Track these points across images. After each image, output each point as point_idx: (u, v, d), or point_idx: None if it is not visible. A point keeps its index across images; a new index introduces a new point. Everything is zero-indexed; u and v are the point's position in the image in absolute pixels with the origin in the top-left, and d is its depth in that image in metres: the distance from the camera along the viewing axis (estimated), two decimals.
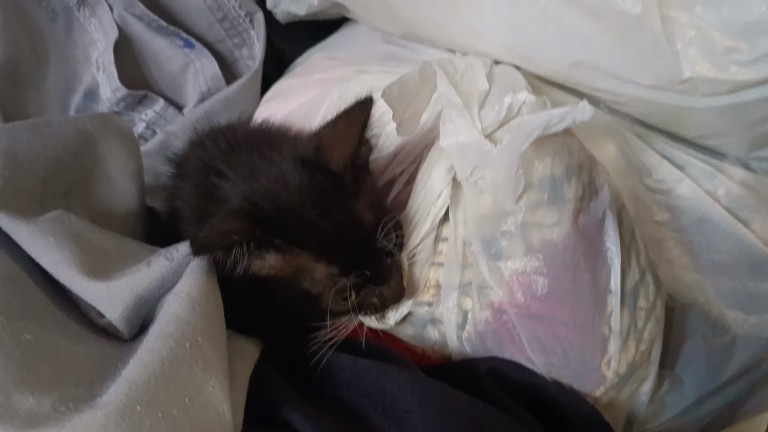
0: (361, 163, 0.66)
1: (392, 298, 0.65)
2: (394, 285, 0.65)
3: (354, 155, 0.62)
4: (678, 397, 0.72)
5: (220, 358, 0.52)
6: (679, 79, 0.67)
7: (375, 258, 0.63)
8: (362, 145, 0.63)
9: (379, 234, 0.62)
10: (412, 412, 0.55)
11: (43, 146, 0.64)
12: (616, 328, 0.64)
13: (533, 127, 0.59)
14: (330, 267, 0.61)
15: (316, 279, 0.61)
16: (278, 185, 0.61)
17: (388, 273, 0.65)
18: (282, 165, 0.63)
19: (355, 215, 0.63)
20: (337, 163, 0.62)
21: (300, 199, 0.61)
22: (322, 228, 0.60)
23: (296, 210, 0.60)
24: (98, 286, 0.55)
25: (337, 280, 0.61)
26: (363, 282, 0.62)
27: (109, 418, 0.43)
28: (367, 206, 0.64)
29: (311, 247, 0.60)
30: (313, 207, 0.60)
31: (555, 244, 0.62)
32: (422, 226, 0.69)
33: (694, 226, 0.75)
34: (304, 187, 0.61)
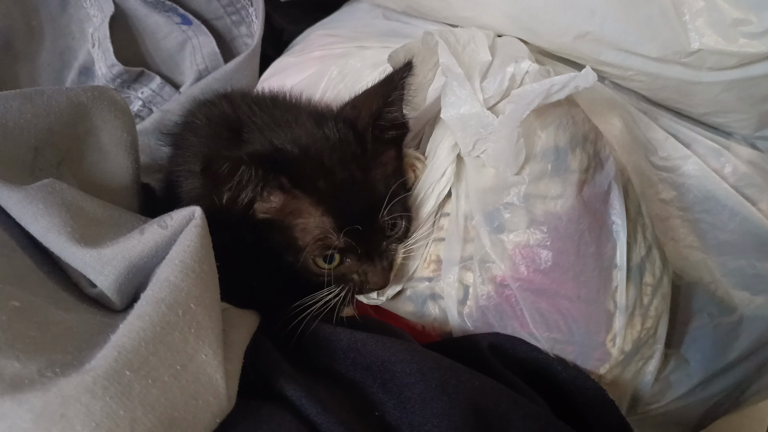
0: (387, 130, 0.66)
1: (374, 281, 0.64)
2: (380, 268, 0.64)
3: (377, 114, 0.62)
4: (684, 377, 0.71)
5: (214, 326, 0.50)
6: (687, 51, 0.66)
7: (373, 231, 0.62)
8: (388, 105, 0.63)
9: (383, 208, 0.61)
10: (411, 384, 0.53)
11: (35, 115, 0.63)
12: (622, 303, 0.62)
13: (534, 95, 0.57)
14: (325, 217, 0.60)
15: (309, 227, 0.61)
16: (304, 133, 0.62)
17: (378, 253, 0.64)
18: (308, 119, 0.64)
19: (368, 178, 0.62)
20: (362, 122, 0.63)
21: (323, 147, 0.61)
22: (336, 178, 0.60)
23: (317, 155, 0.60)
24: (89, 254, 0.53)
25: (328, 234, 0.60)
26: (351, 248, 0.62)
27: (96, 382, 0.41)
28: (381, 177, 0.64)
29: (316, 193, 0.60)
30: (333, 157, 0.61)
31: (559, 216, 0.61)
32: (426, 206, 0.68)
33: (701, 204, 0.74)
34: (329, 138, 0.62)
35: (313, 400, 0.51)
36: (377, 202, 0.61)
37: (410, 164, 0.70)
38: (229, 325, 0.56)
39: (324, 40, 0.90)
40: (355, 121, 0.63)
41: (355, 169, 0.61)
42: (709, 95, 0.70)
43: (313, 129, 0.63)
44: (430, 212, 0.68)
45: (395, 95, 0.63)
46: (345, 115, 0.64)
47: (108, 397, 0.41)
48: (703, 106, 0.73)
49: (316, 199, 0.60)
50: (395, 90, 0.63)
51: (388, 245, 0.65)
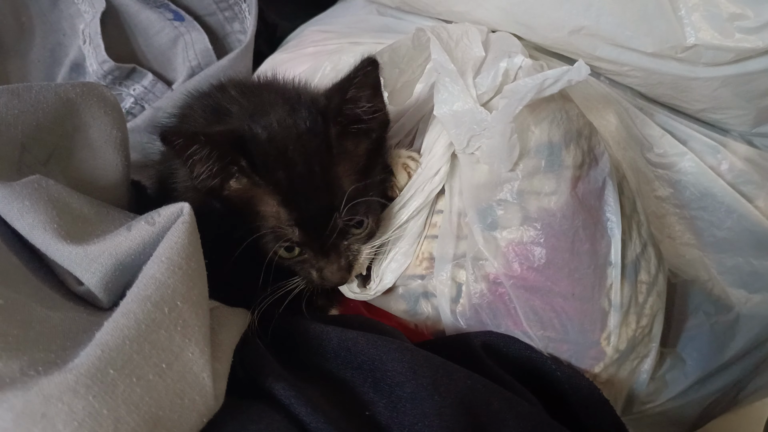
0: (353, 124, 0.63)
1: (330, 279, 0.64)
2: (335, 267, 0.63)
3: (336, 110, 0.61)
4: (680, 376, 0.70)
5: (201, 323, 0.49)
6: (683, 45, 0.65)
7: (329, 228, 0.61)
8: (346, 102, 0.61)
9: (343, 207, 0.60)
10: (402, 383, 0.53)
11: (22, 111, 0.62)
12: (617, 301, 0.61)
13: (527, 89, 0.56)
14: (281, 208, 0.60)
15: (266, 215, 0.60)
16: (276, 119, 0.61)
17: (335, 251, 0.63)
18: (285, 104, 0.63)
19: (330, 175, 0.61)
20: (326, 116, 0.61)
21: (289, 136, 0.60)
22: (295, 170, 0.59)
23: (282, 145, 0.60)
24: (75, 251, 0.52)
25: (282, 225, 0.60)
26: (306, 243, 0.61)
27: (79, 381, 0.40)
28: (347, 172, 0.62)
29: (274, 183, 0.59)
30: (296, 148, 0.60)
31: (553, 212, 0.60)
32: (414, 202, 0.67)
33: (697, 201, 0.74)
34: (297, 128, 0.61)
35: (302, 399, 0.50)
36: (336, 200, 0.60)
37: (403, 164, 0.69)
38: (218, 323, 0.56)
39: (318, 36, 0.89)
40: (324, 111, 0.62)
41: (316, 164, 0.60)
42: (705, 91, 0.69)
43: (285, 116, 0.62)
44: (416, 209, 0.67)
45: (352, 93, 0.60)
46: (318, 105, 0.63)
47: (91, 396, 0.40)
48: (699, 103, 0.72)
49: (274, 189, 0.60)
50: (351, 87, 0.60)
51: (349, 244, 0.64)
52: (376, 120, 0.64)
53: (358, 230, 0.64)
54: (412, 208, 0.66)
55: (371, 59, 0.59)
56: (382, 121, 0.66)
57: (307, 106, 0.62)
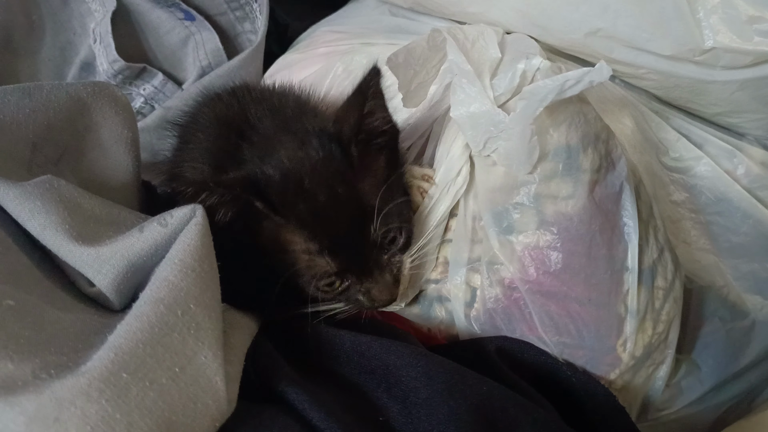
0: (374, 139, 0.62)
1: (380, 298, 0.60)
2: (382, 284, 0.60)
3: (356, 127, 0.59)
4: (695, 383, 0.69)
5: (214, 327, 0.48)
6: (701, 48, 0.64)
7: (367, 247, 0.59)
8: (366, 117, 0.60)
9: (375, 221, 0.58)
10: (417, 389, 0.52)
11: (33, 110, 0.62)
12: (633, 307, 0.61)
13: (547, 90, 0.56)
14: (311, 242, 0.57)
15: (297, 253, 0.58)
16: (286, 155, 0.59)
17: (378, 267, 0.60)
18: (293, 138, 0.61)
19: (355, 193, 0.59)
20: (345, 137, 0.60)
21: (303, 169, 0.58)
22: (317, 200, 0.57)
23: (298, 179, 0.58)
24: (87, 252, 0.52)
25: (317, 259, 0.58)
26: (347, 269, 0.59)
27: (92, 384, 0.40)
28: (371, 187, 0.60)
29: (298, 218, 0.57)
30: (314, 178, 0.58)
31: (570, 216, 0.59)
32: (441, 205, 0.66)
33: (713, 206, 0.73)
34: (311, 158, 0.59)
35: (316, 404, 0.49)
36: (367, 216, 0.58)
37: (417, 186, 0.68)
38: (230, 326, 0.55)
39: (329, 37, 0.89)
40: (338, 135, 0.60)
41: (339, 186, 0.58)
42: (722, 95, 0.69)
43: (296, 150, 0.60)
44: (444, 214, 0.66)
45: (369, 105, 0.59)
46: (329, 131, 0.61)
47: (104, 400, 0.40)
48: (716, 106, 0.72)
49: (299, 224, 0.57)
50: (368, 100, 0.59)
51: (390, 258, 0.61)
52: (389, 132, 0.64)
53: (393, 244, 0.61)
54: (440, 212, 0.65)
55: (376, 68, 0.59)
56: (393, 133, 0.65)
57: (317, 134, 0.61)
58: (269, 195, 0.57)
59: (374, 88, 0.59)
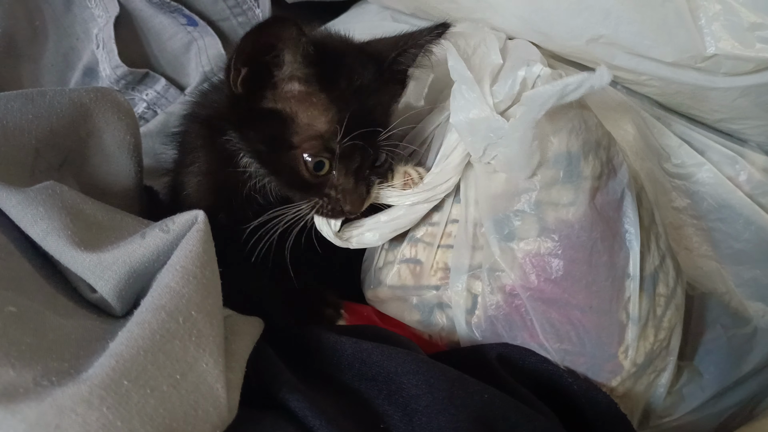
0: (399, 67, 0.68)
1: (349, 202, 0.63)
2: (357, 192, 0.64)
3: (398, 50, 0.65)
4: (697, 390, 0.69)
5: (215, 333, 0.48)
6: (702, 55, 0.64)
7: (366, 153, 0.63)
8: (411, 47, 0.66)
9: (385, 132, 0.63)
10: (418, 396, 0.52)
11: (36, 116, 0.62)
12: (635, 314, 0.60)
13: (547, 96, 0.55)
14: (335, 117, 0.61)
15: (315, 122, 0.61)
16: (338, 42, 0.67)
17: (361, 175, 0.64)
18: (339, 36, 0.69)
19: (379, 102, 0.64)
20: (386, 53, 0.65)
21: (352, 55, 0.64)
22: (355, 85, 0.62)
23: (349, 61, 0.63)
24: (89, 258, 0.52)
25: (329, 135, 0.61)
26: (342, 160, 0.62)
27: (93, 392, 0.40)
28: (386, 105, 0.66)
29: (335, 92, 0.61)
30: (358, 67, 0.63)
31: (571, 223, 0.59)
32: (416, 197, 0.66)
33: (715, 212, 0.73)
34: (358, 52, 0.65)
35: (316, 411, 0.49)
36: (380, 126, 0.63)
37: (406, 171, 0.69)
38: (232, 332, 0.55)
39: None
40: (379, 52, 0.65)
41: (371, 88, 0.63)
42: (724, 101, 0.69)
43: (349, 43, 0.67)
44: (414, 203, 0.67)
45: (424, 40, 0.66)
46: (372, 46, 0.67)
47: (105, 407, 0.40)
48: (717, 113, 0.71)
49: (334, 97, 0.61)
50: (424, 36, 0.65)
51: (370, 174, 0.65)
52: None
53: (380, 165, 0.66)
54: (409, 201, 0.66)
55: (447, 24, 0.66)
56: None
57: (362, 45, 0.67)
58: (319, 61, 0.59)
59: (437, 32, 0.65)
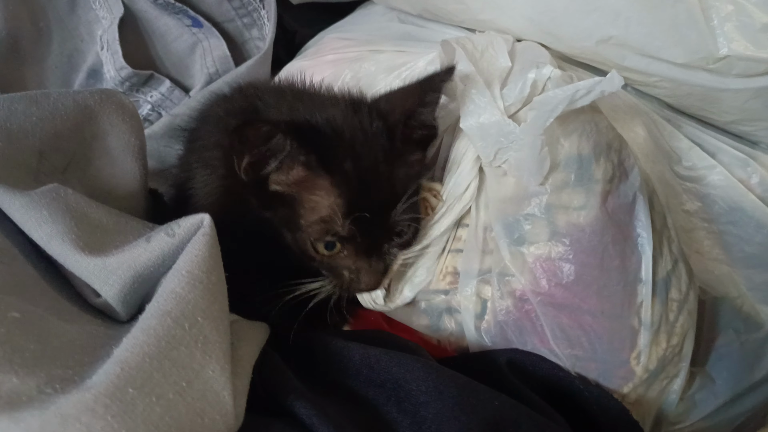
0: (416, 130, 0.64)
1: (365, 281, 0.62)
2: (374, 269, 0.61)
3: (410, 112, 0.61)
4: (710, 396, 0.68)
5: (221, 340, 0.48)
6: (714, 56, 0.63)
7: (380, 229, 0.60)
8: (422, 106, 0.62)
9: (399, 206, 0.59)
10: (427, 403, 0.51)
11: (40, 118, 0.61)
12: (647, 319, 0.59)
13: (558, 101, 0.55)
14: (340, 199, 0.58)
15: (319, 206, 0.59)
16: (339, 115, 0.61)
17: (378, 253, 0.62)
18: (344, 103, 0.63)
19: (392, 174, 0.61)
20: (394, 118, 0.61)
21: (356, 131, 0.60)
22: (362, 164, 0.59)
23: (350, 138, 0.59)
24: (93, 262, 0.51)
25: (335, 217, 0.58)
26: (352, 239, 0.60)
27: (98, 400, 0.39)
28: (404, 177, 0.62)
29: (338, 174, 0.58)
30: (364, 143, 0.59)
31: (582, 227, 0.58)
32: (446, 220, 0.65)
33: (726, 215, 0.72)
34: (362, 125, 0.60)
35: (324, 418, 0.48)
36: (393, 200, 0.60)
37: (423, 198, 0.67)
38: (238, 338, 0.54)
39: (337, 44, 0.88)
40: (387, 115, 0.62)
41: (382, 162, 0.60)
42: (736, 103, 0.68)
43: (349, 114, 0.61)
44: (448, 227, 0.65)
45: (431, 97, 0.62)
46: (379, 107, 0.63)
47: (110, 416, 0.39)
48: (729, 114, 0.70)
49: (337, 180, 0.58)
50: (432, 92, 0.62)
51: (389, 248, 0.63)
52: (429, 131, 0.65)
53: (400, 237, 0.63)
54: (444, 226, 0.65)
55: (453, 68, 0.61)
56: (432, 134, 0.66)
57: (367, 107, 0.62)
58: (318, 144, 0.57)
59: (443, 83, 0.62)
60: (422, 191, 0.67)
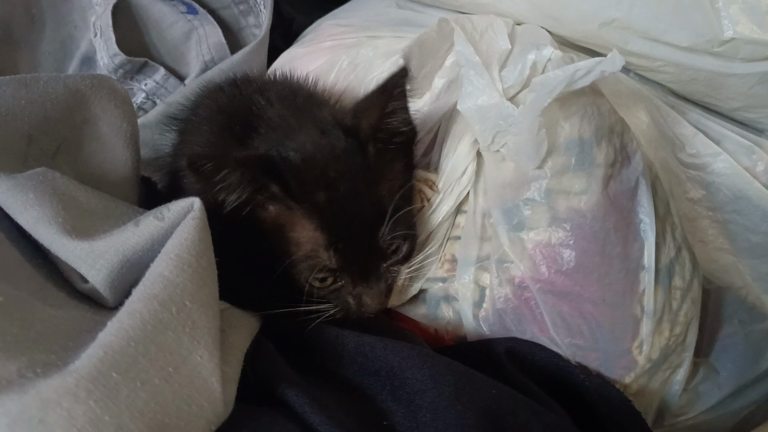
0: (392, 139, 0.60)
1: (369, 305, 0.59)
2: (375, 291, 0.59)
3: (376, 126, 0.57)
4: (713, 388, 0.66)
5: (210, 325, 0.46)
6: (720, 39, 0.62)
7: (371, 252, 0.58)
8: (387, 116, 0.58)
9: (384, 226, 0.56)
10: (422, 392, 0.49)
11: (30, 102, 0.60)
12: (650, 308, 0.58)
13: (557, 81, 0.53)
14: (318, 232, 0.56)
15: (301, 241, 0.56)
16: (309, 140, 0.58)
17: (375, 274, 0.59)
18: (315, 125, 0.59)
19: (372, 192, 0.57)
20: (363, 134, 0.58)
21: (328, 157, 0.57)
22: (338, 192, 0.55)
23: (321, 166, 0.56)
24: (80, 246, 0.50)
25: (319, 251, 0.56)
26: (345, 269, 0.57)
27: (79, 384, 0.38)
28: (387, 192, 0.58)
29: (312, 206, 0.55)
30: (337, 168, 0.56)
31: (583, 213, 0.57)
32: (444, 206, 0.64)
33: (731, 204, 0.70)
34: (335, 148, 0.57)
35: (317, 407, 0.47)
36: (378, 220, 0.57)
37: (418, 189, 0.66)
38: (229, 325, 0.53)
39: (335, 30, 0.87)
40: (356, 131, 0.58)
41: (359, 182, 0.57)
42: (741, 88, 0.66)
43: (318, 137, 0.58)
44: (446, 215, 0.64)
45: (392, 105, 0.58)
46: (347, 124, 0.59)
47: (92, 400, 0.38)
48: (734, 101, 0.69)
49: (311, 212, 0.55)
50: (392, 100, 0.57)
51: (388, 267, 0.60)
52: (407, 134, 0.62)
53: (396, 254, 0.60)
54: (443, 213, 0.63)
55: (405, 68, 0.57)
56: (411, 135, 0.63)
57: (340, 125, 0.59)
58: (287, 178, 0.55)
59: (400, 88, 0.57)
60: (417, 182, 0.66)
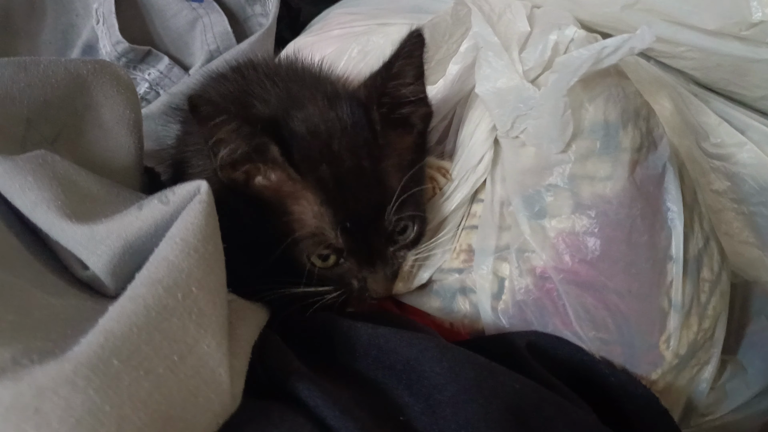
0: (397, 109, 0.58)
1: (374, 290, 0.57)
2: (381, 277, 0.57)
3: (381, 88, 0.56)
4: (741, 386, 0.64)
5: (218, 313, 0.44)
6: (748, 22, 0.60)
7: (378, 233, 0.56)
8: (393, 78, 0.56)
9: (392, 205, 0.54)
10: (441, 386, 0.47)
11: (29, 85, 0.58)
12: (677, 300, 0.55)
13: (582, 60, 0.51)
14: (324, 207, 0.53)
15: (305, 217, 0.54)
16: (316, 112, 0.56)
17: (382, 259, 0.57)
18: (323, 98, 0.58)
19: (379, 169, 0.55)
20: (368, 100, 0.56)
21: (333, 130, 0.55)
22: (342, 166, 0.54)
23: (326, 138, 0.54)
24: (81, 230, 0.47)
25: (324, 229, 0.54)
26: (350, 249, 0.55)
27: (78, 371, 0.35)
28: (394, 168, 0.56)
29: (317, 179, 0.53)
30: (342, 142, 0.54)
31: (608, 199, 0.54)
32: (458, 194, 0.62)
33: (757, 196, 0.68)
34: (341, 121, 0.56)
35: (329, 401, 0.44)
36: (386, 198, 0.55)
37: (431, 176, 0.63)
38: (236, 316, 0.50)
39: (344, 19, 0.84)
40: (361, 97, 0.57)
41: (365, 158, 0.55)
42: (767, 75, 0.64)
43: (326, 109, 0.56)
44: (460, 203, 0.61)
45: (398, 66, 0.55)
46: (357, 95, 0.58)
47: (91, 389, 0.35)
48: (759, 89, 0.67)
49: (316, 185, 0.53)
50: (398, 60, 0.55)
51: (395, 251, 0.58)
52: (418, 112, 0.60)
53: (404, 235, 0.58)
54: (456, 201, 0.61)
55: (418, 32, 0.54)
56: (425, 114, 0.61)
57: (347, 98, 0.57)
58: (290, 146, 0.53)
59: (408, 49, 0.55)
60: (429, 169, 0.63)
